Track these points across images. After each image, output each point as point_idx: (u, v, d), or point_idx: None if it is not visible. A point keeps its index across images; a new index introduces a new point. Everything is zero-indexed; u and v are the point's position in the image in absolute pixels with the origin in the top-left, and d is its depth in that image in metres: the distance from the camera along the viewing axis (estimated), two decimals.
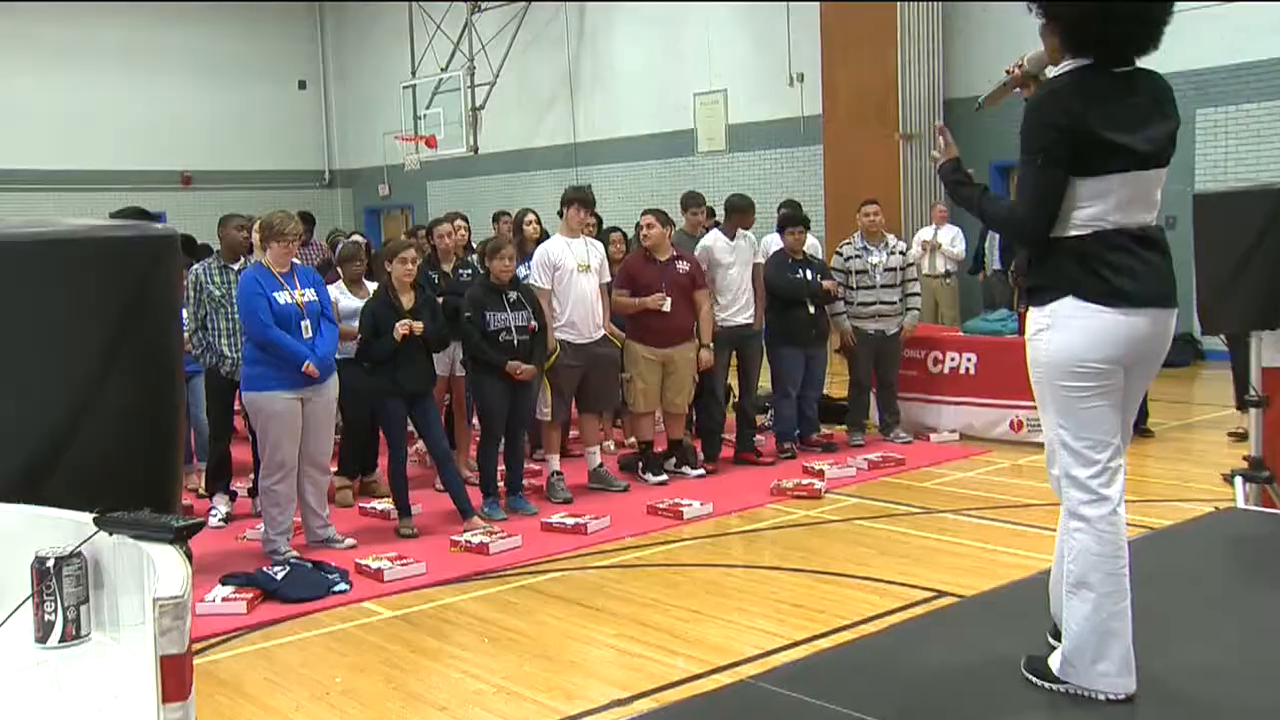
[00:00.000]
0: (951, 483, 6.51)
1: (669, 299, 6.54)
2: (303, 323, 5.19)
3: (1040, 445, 3.03)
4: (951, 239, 11.23)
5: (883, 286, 7.47)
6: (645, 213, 6.74)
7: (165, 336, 2.58)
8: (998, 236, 10.62)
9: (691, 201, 7.52)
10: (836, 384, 8.57)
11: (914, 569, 4.82)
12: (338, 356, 5.90)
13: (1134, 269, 2.79)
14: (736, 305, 7.00)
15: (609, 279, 6.63)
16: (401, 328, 5.54)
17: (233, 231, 6.08)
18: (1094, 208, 2.78)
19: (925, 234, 11.35)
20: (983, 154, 10.32)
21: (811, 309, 7.22)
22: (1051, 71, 2.91)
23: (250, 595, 4.62)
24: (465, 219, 7.38)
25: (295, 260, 5.36)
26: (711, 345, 6.74)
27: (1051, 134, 2.74)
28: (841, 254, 7.57)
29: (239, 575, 4.82)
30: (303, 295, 5.24)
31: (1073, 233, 2.81)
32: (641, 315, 6.58)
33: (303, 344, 5.15)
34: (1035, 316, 2.92)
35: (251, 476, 5.99)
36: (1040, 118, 2.76)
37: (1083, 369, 2.82)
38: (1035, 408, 2.96)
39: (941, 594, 4.46)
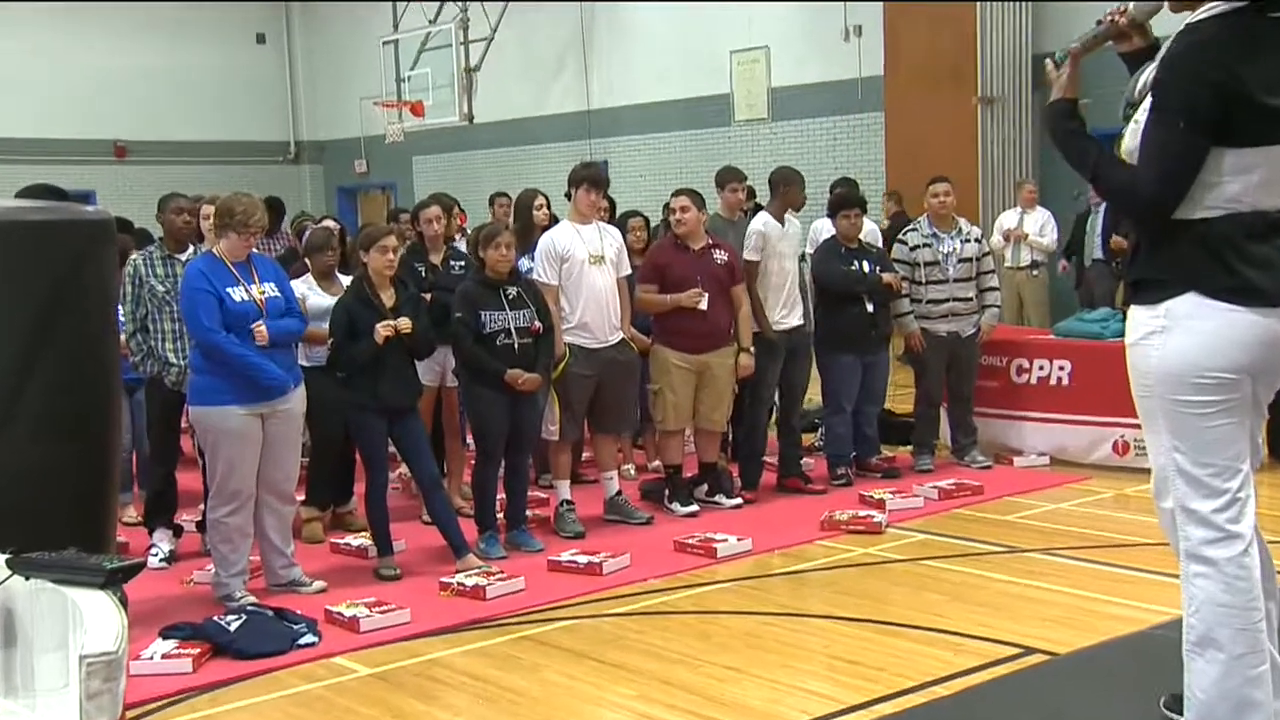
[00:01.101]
0: (1040, 516, 6.45)
1: (706, 295, 6.52)
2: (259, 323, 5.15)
3: (1150, 472, 2.96)
4: (1041, 226, 11.04)
5: (956, 280, 7.42)
6: (677, 194, 6.71)
7: (97, 339, 2.55)
8: (1101, 219, 10.49)
9: (730, 177, 7.44)
10: (900, 397, 8.50)
11: (995, 620, 4.76)
12: (306, 364, 5.90)
13: (1271, 260, 2.71)
14: (788, 304, 6.98)
15: (628, 271, 6.62)
16: (384, 329, 5.52)
17: (172, 216, 6.05)
18: (1233, 185, 2.69)
19: (1009, 219, 11.22)
20: None
21: (870, 307, 7.18)
22: (1160, 19, 2.84)
23: (197, 650, 4.59)
24: (458, 206, 7.38)
25: (254, 250, 5.33)
26: (752, 349, 6.72)
27: (1199, 92, 2.64)
28: (906, 242, 7.53)
29: (184, 626, 4.78)
30: (262, 291, 5.21)
31: (1200, 214, 2.73)
32: (672, 315, 6.56)
33: (256, 351, 5.12)
34: (1143, 317, 2.85)
35: (200, 507, 5.97)
36: (1187, 71, 2.66)
37: (1205, 380, 2.74)
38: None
39: (1029, 651, 4.39)
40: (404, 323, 5.58)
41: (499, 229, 6.10)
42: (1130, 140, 2.86)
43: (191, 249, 6.05)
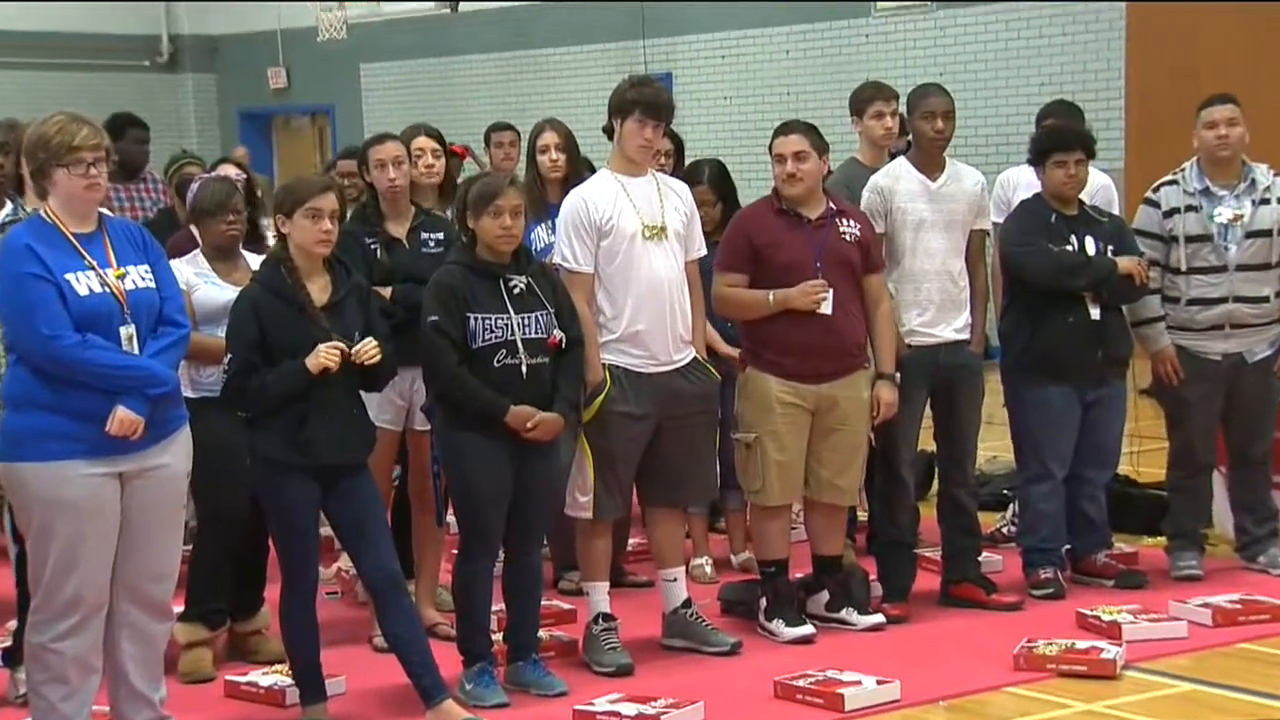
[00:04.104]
0: None
1: (830, 290, 6.49)
2: (123, 329, 5.15)
3: None
4: None
5: (1241, 268, 7.35)
6: (785, 130, 6.69)
7: None
8: None
9: (874, 95, 7.44)
10: (1147, 455, 8.45)
11: None
12: (192, 394, 5.92)
13: None
14: (936, 305, 6.97)
15: (703, 251, 6.64)
16: (326, 356, 5.50)
17: None
18: None
19: None
20: None
21: (1096, 311, 7.13)
22: None
23: None
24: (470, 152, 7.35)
25: (105, 211, 5.30)
26: (897, 376, 6.70)
27: None
28: (1158, 204, 7.50)
29: None
30: (122, 275, 5.19)
31: None
32: (774, 323, 6.56)
33: (136, 360, 5.12)
34: None
35: (10, 625, 5.97)
36: None
37: None
38: None
39: None
40: (368, 346, 5.55)
41: (499, 184, 6.07)
42: None
43: (10, 207, 6.05)
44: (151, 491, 5.24)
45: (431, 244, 6.67)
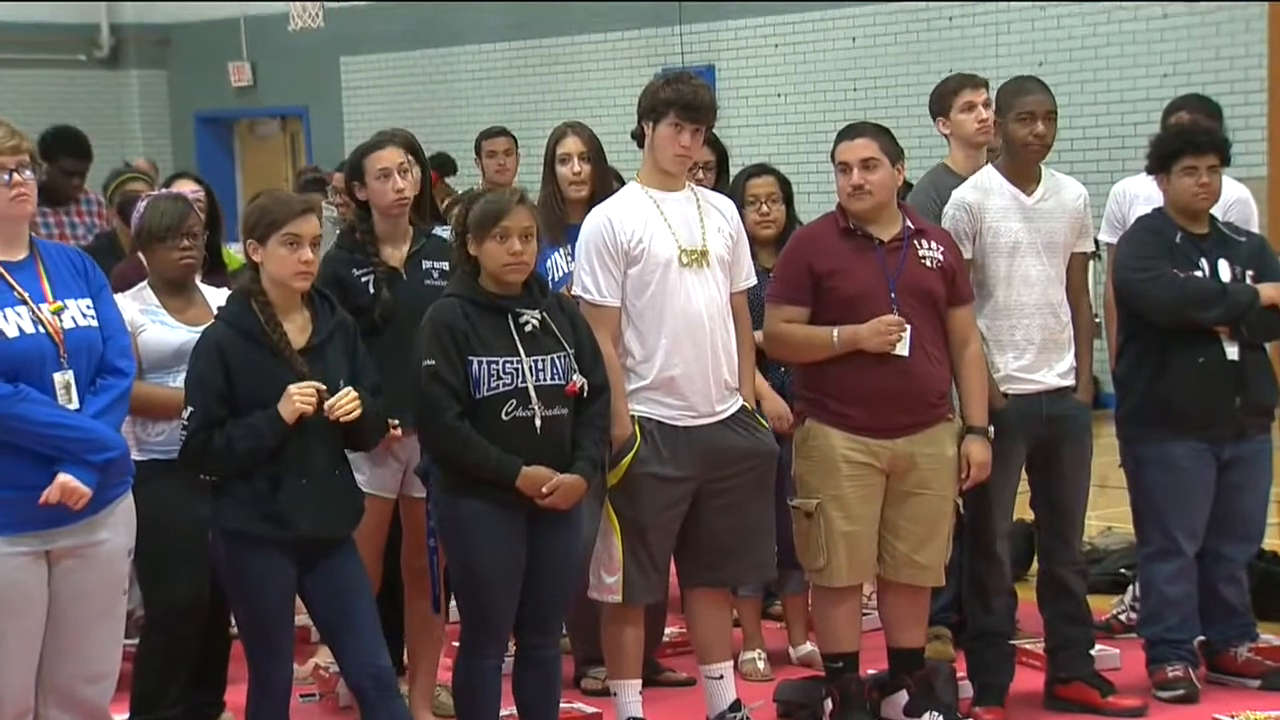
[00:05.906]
0: None
1: (908, 328, 6.52)
2: (58, 376, 5.18)
3: None
4: None
5: None
6: (851, 133, 6.72)
7: None
8: None
9: (962, 84, 7.50)
10: None
11: None
12: (139, 456, 5.94)
13: None
14: (1037, 345, 6.97)
15: (753, 280, 6.69)
16: (300, 397, 5.54)
17: None
18: None
19: None
20: None
21: (1233, 350, 7.13)
22: None
23: None
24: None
25: (34, 231, 5.39)
26: (991, 430, 6.72)
27: None
28: None
29: None
30: (59, 309, 5.23)
31: None
32: (839, 366, 6.58)
33: (79, 419, 5.14)
34: None
35: None
36: None
37: None
38: None
39: None
40: (345, 398, 5.57)
41: (507, 202, 6.08)
42: None
43: None
44: (86, 573, 5.25)
45: (435, 274, 6.68)
